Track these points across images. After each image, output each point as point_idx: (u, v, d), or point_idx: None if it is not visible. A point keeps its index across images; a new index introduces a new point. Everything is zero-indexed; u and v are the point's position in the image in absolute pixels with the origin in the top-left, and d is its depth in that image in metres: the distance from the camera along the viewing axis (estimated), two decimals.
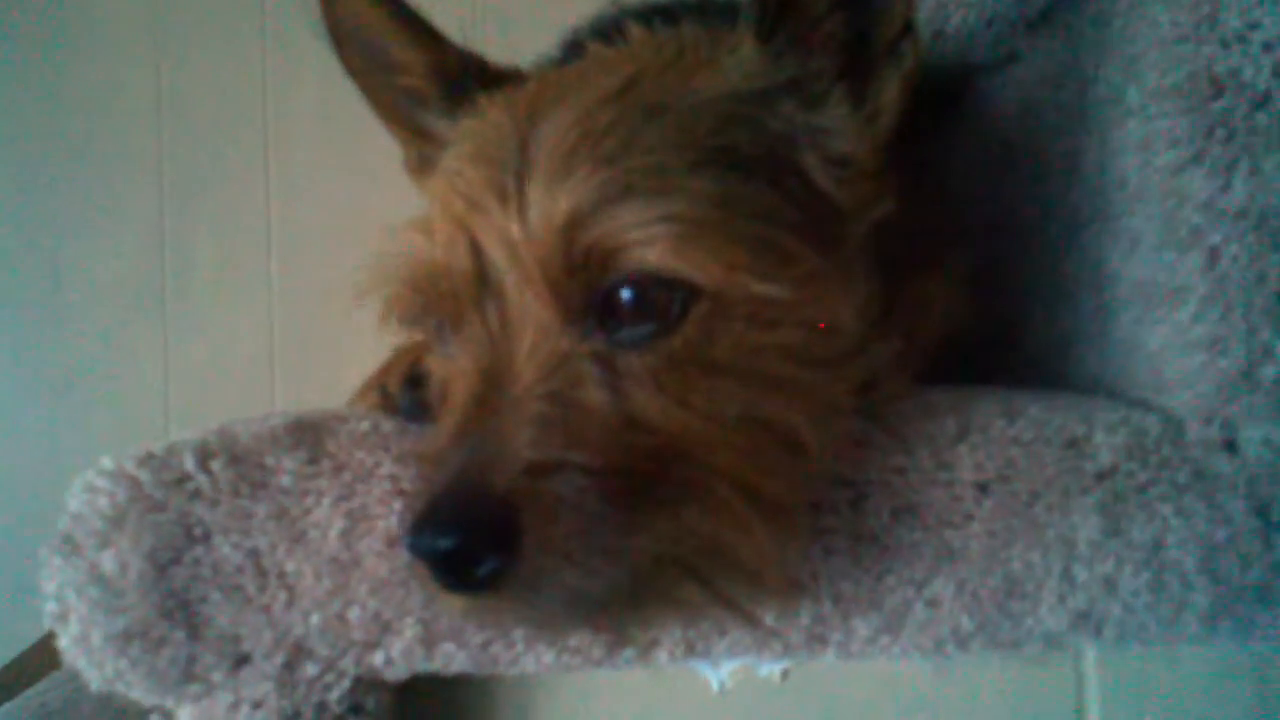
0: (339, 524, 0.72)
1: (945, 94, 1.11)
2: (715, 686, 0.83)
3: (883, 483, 0.74)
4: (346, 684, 0.73)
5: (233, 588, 0.71)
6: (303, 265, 1.96)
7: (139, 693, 0.73)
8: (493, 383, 0.64)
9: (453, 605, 0.63)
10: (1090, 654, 0.84)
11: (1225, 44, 0.74)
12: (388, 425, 0.76)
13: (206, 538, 0.71)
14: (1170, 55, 0.77)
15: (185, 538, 0.71)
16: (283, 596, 0.72)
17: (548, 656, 0.73)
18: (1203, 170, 0.75)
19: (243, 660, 0.72)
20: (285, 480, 0.72)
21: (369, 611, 0.72)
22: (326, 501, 0.72)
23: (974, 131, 1.10)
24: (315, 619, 0.72)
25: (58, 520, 0.72)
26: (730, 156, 0.69)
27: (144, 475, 0.72)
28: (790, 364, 0.68)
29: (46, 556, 0.72)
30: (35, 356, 2.04)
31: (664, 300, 0.66)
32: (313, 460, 0.73)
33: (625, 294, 0.65)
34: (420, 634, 0.72)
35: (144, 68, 2.00)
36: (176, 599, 0.71)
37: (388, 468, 0.73)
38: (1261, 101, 0.73)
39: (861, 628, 0.74)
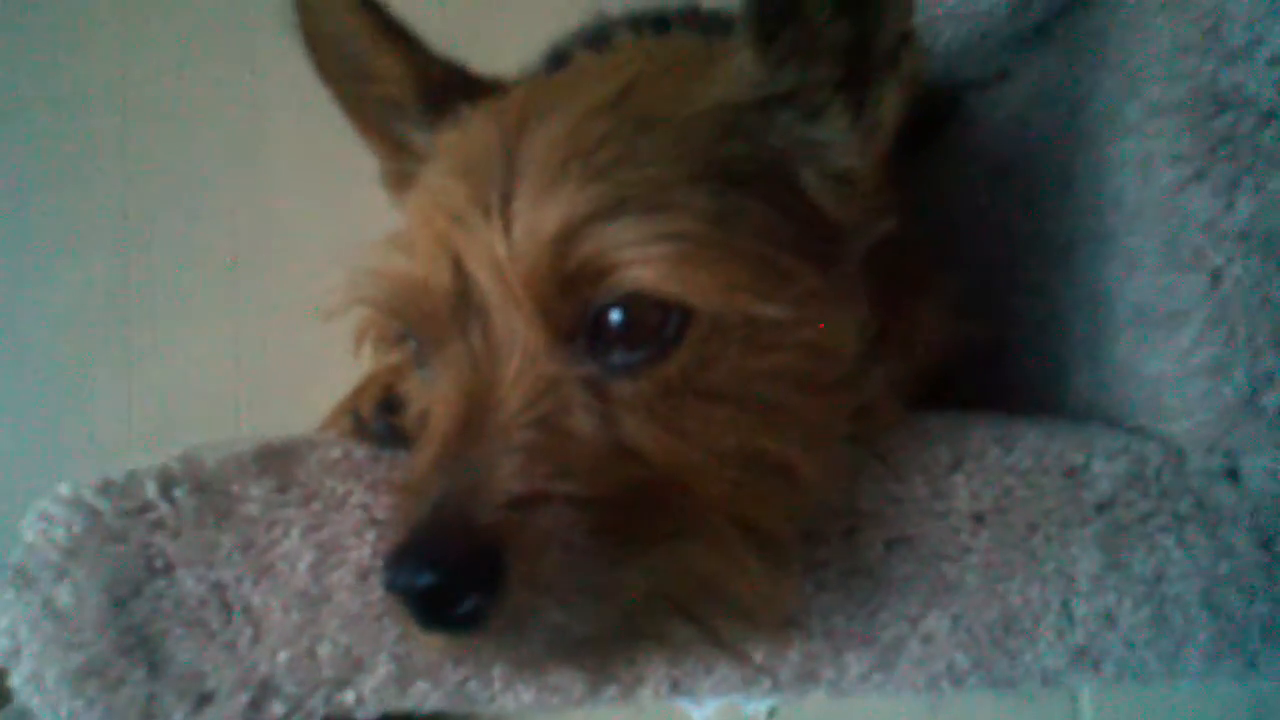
0: (309, 556, 0.68)
1: (934, 112, 1.09)
2: None
3: (876, 514, 0.71)
4: None
5: (196, 623, 0.68)
6: (269, 290, 1.92)
7: None
8: (476, 408, 0.61)
9: (431, 644, 0.59)
10: (1086, 692, 0.81)
11: (1229, 59, 0.72)
12: (360, 452, 0.73)
13: (168, 570, 0.68)
14: (1172, 70, 0.74)
15: (145, 570, 0.68)
16: (249, 632, 0.68)
17: (527, 695, 0.70)
18: (1205, 189, 0.73)
19: (206, 700, 0.69)
20: (252, 509, 0.69)
21: (340, 648, 0.68)
22: (295, 532, 0.69)
23: (963, 150, 1.07)
24: (283, 656, 0.68)
25: (10, 552, 0.69)
26: (727, 171, 0.66)
27: (103, 504, 0.68)
28: (787, 390, 0.65)
29: None
30: None
31: (657, 323, 0.63)
32: (281, 489, 0.70)
33: (616, 315, 0.62)
34: (394, 671, 0.69)
35: (111, 84, 1.95)
36: (136, 635, 0.67)
37: (360, 497, 0.70)
38: (1267, 118, 0.71)
39: (854, 664, 0.72)
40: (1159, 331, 0.76)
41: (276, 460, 0.71)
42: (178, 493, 0.69)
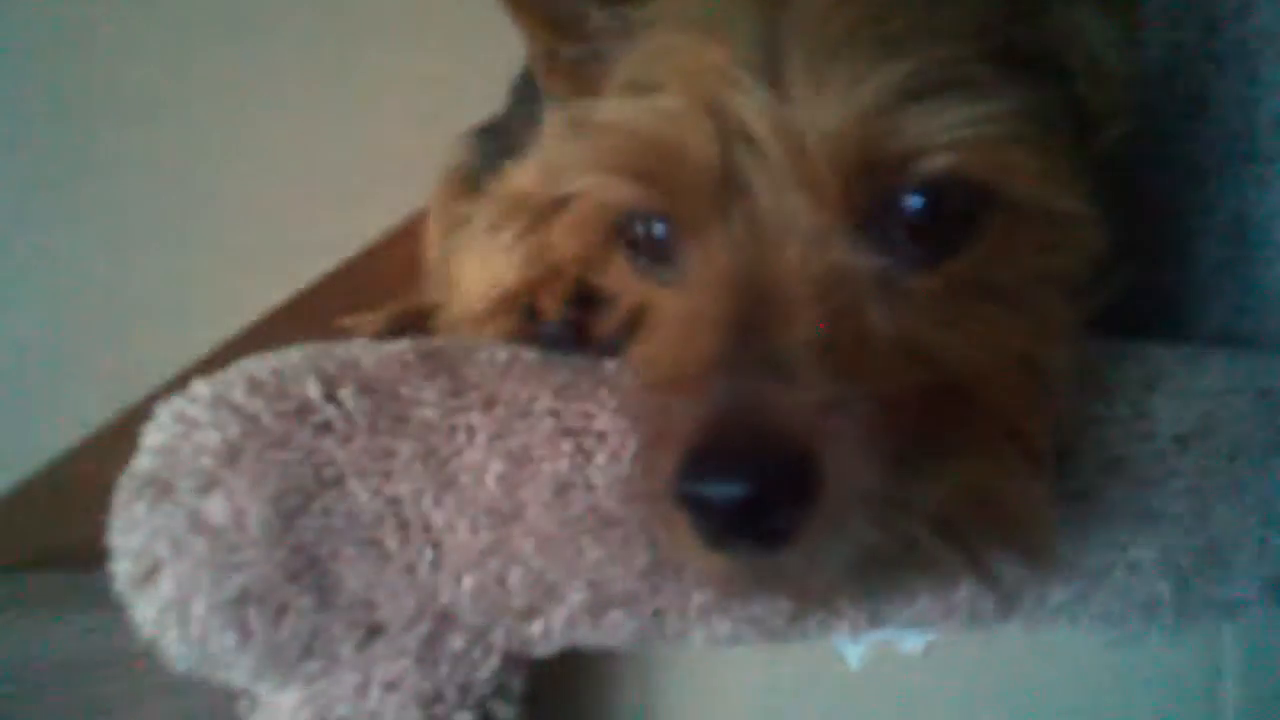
0: (497, 467, 0.60)
1: None
2: (853, 663, 0.74)
3: (1087, 434, 0.66)
4: (496, 660, 0.61)
5: (370, 543, 0.59)
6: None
7: (242, 673, 0.59)
8: (754, 298, 0.54)
9: (713, 565, 0.52)
10: (1230, 636, 0.78)
11: None
12: (529, 355, 0.65)
13: (339, 481, 0.58)
14: None
15: (315, 480, 0.58)
16: (430, 554, 0.59)
17: (723, 627, 0.63)
18: None
19: (376, 632, 0.59)
20: (429, 414, 0.60)
21: (532, 572, 0.60)
22: (481, 440, 0.60)
23: None
24: (468, 581, 0.60)
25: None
26: (1014, 53, 0.60)
27: (258, 405, 0.58)
28: (1056, 292, 0.61)
29: (121, 504, 0.58)
30: None
31: (955, 214, 0.57)
32: (457, 392, 0.61)
33: (914, 203, 0.56)
34: (588, 600, 0.61)
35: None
36: (305, 556, 0.58)
37: (547, 402, 0.61)
38: None
39: (1057, 594, 0.67)
40: None
41: (442, 360, 0.62)
42: (344, 394, 0.59)
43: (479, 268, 0.83)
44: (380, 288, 1.62)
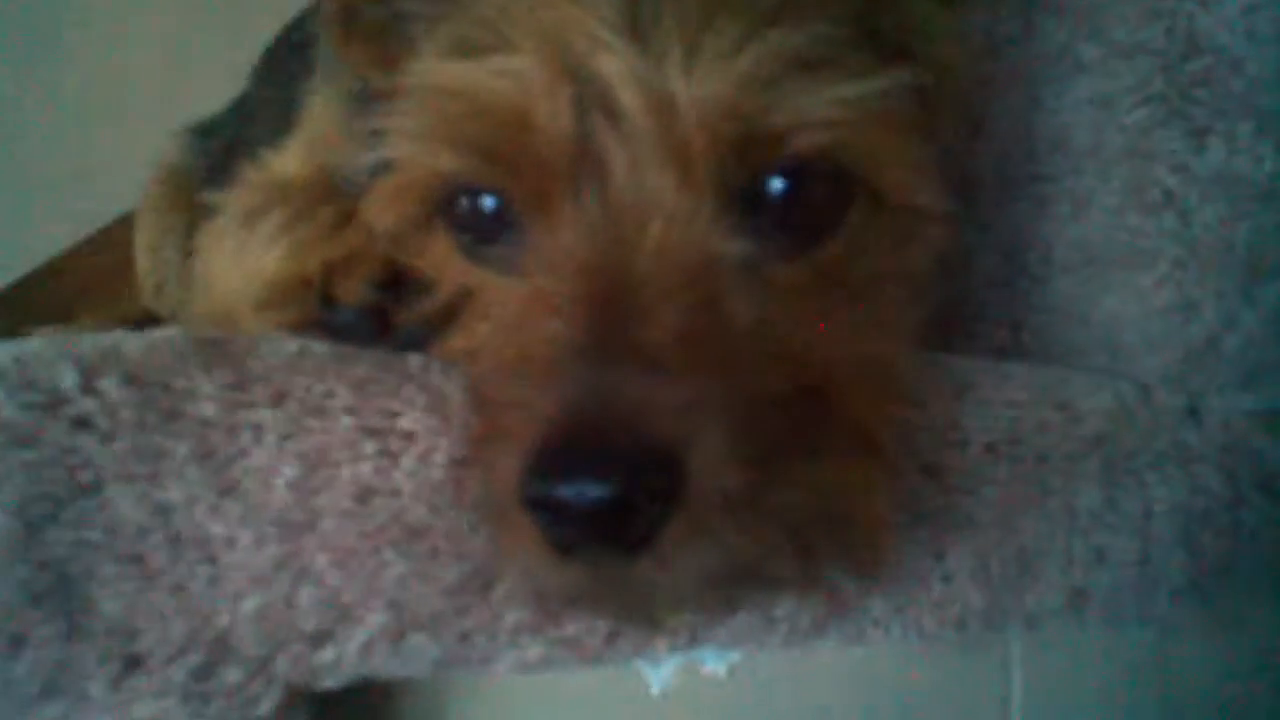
0: (287, 471, 0.52)
1: None
2: (656, 687, 0.70)
3: (906, 441, 0.64)
4: (277, 694, 0.53)
5: (132, 559, 0.50)
6: None
7: None
8: (610, 285, 0.49)
9: (563, 577, 0.46)
10: (1018, 652, 0.78)
11: (1205, 4, 0.72)
12: (320, 347, 0.57)
13: (98, 486, 0.49)
14: (1144, 11, 0.74)
15: (67, 485, 0.49)
16: (205, 572, 0.51)
17: (533, 651, 0.57)
18: (1177, 131, 0.73)
19: (135, 664, 0.50)
20: (208, 409, 0.52)
21: (325, 592, 0.52)
22: (269, 440, 0.52)
23: None
24: (250, 603, 0.51)
25: None
26: (879, 42, 0.58)
27: None
28: (907, 290, 0.59)
29: None
30: None
31: (819, 201, 0.54)
32: (241, 385, 0.53)
33: (779, 186, 0.53)
34: (388, 622, 0.54)
35: None
36: (52, 574, 0.48)
37: (345, 399, 0.54)
38: (1237, 65, 0.72)
39: (875, 606, 0.65)
40: (1116, 272, 0.75)
41: (222, 350, 0.54)
42: (105, 384, 0.50)
43: (233, 262, 0.74)
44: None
